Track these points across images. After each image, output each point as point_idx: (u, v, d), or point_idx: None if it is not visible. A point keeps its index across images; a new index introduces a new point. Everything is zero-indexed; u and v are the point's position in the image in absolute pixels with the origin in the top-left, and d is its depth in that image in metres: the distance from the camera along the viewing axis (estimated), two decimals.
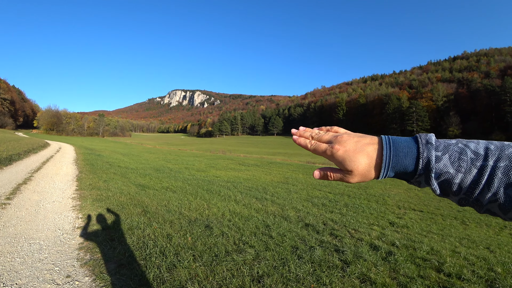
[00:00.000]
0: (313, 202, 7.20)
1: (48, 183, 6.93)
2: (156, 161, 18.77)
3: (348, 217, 5.69)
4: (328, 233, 4.47)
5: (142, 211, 4.81)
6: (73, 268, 2.76)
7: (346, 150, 0.49)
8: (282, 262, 3.15)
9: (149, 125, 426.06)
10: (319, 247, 3.68)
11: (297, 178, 12.88)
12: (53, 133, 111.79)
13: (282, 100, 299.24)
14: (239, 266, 2.96)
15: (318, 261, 3.22)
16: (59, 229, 3.80)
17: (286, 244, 3.72)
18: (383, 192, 9.51)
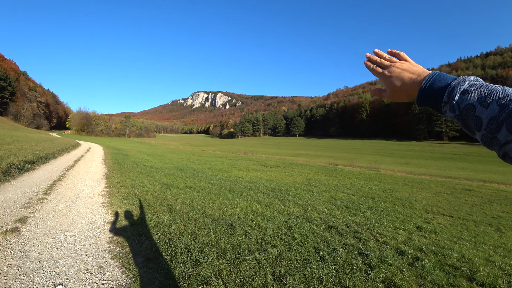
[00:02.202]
0: (336, 204, 7.14)
1: (80, 181, 7.51)
2: (180, 161, 19.43)
3: (373, 220, 5.58)
4: (351, 235, 4.44)
5: (167, 209, 5.05)
6: (104, 260, 3.00)
7: (391, 75, 0.69)
8: (304, 262, 3.19)
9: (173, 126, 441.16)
10: (342, 250, 3.68)
11: (320, 179, 12.74)
12: (83, 134, 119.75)
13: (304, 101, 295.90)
14: (262, 265, 3.04)
15: (341, 264, 3.22)
16: (91, 223, 4.12)
17: (308, 245, 3.75)
18: (409, 196, 9.13)
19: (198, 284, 2.57)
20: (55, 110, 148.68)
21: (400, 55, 0.74)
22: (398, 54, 0.74)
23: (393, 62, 0.72)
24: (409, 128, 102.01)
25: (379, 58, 0.77)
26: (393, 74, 0.68)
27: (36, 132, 54.25)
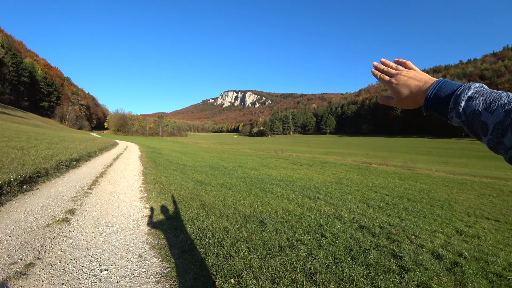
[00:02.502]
0: (368, 204, 6.98)
1: (119, 177, 8.08)
2: (211, 159, 19.99)
3: (408, 222, 5.38)
4: (384, 236, 4.33)
5: (201, 205, 5.27)
6: (143, 250, 3.23)
7: (398, 83, 0.72)
8: (335, 261, 3.18)
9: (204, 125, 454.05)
10: (374, 250, 3.61)
11: (352, 178, 12.44)
12: (120, 134, 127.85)
13: (334, 98, 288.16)
14: (292, 261, 3.08)
15: (373, 264, 3.17)
16: (131, 216, 4.45)
17: (339, 244, 3.73)
18: (449, 197, 8.53)
19: (230, 277, 2.68)
20: (95, 112, 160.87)
21: (406, 64, 0.77)
22: (405, 63, 0.78)
23: (399, 71, 0.75)
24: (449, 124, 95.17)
25: (385, 67, 0.80)
26: (400, 82, 0.71)
27: (79, 133, 59.10)
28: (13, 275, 2.47)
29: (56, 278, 2.51)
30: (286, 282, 2.63)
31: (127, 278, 2.60)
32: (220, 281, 2.60)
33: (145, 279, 2.61)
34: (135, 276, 2.66)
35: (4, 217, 3.88)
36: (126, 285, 2.49)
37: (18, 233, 3.39)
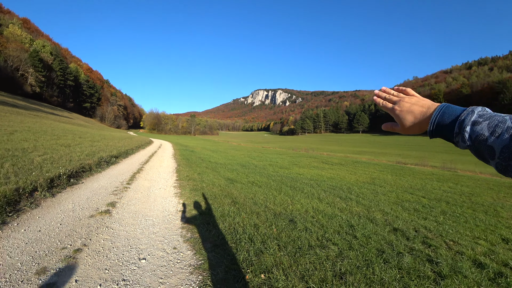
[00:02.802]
0: (403, 206, 6.75)
1: (155, 173, 8.54)
2: (242, 157, 20.30)
3: (446, 227, 5.10)
4: (419, 241, 4.15)
5: (232, 202, 5.41)
6: (178, 242, 3.41)
7: (401, 110, 0.73)
8: (366, 263, 3.12)
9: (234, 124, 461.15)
10: (408, 254, 3.49)
11: (385, 179, 12.01)
12: (154, 132, 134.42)
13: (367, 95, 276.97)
14: (322, 260, 3.07)
15: (407, 269, 3.07)
16: (166, 211, 4.70)
17: (371, 246, 3.65)
18: (494, 202, 7.82)
19: (260, 272, 2.75)
20: (132, 111, 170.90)
21: (406, 90, 0.80)
22: (405, 90, 0.80)
23: (401, 97, 0.77)
24: None
25: (387, 94, 0.82)
26: (403, 109, 0.73)
27: (117, 131, 63.18)
28: (64, 258, 2.76)
29: (100, 263, 2.75)
30: (316, 281, 2.63)
31: (163, 268, 2.78)
32: (250, 275, 2.67)
33: (179, 270, 2.76)
34: (170, 266, 2.83)
35: (55, 207, 4.32)
36: (162, 274, 2.66)
37: (67, 221, 3.77)
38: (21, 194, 4.40)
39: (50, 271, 2.52)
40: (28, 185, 4.70)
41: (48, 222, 3.69)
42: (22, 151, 7.83)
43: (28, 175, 5.24)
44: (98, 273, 2.57)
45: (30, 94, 69.83)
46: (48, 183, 5.24)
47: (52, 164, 6.62)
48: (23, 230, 3.35)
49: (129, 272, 2.64)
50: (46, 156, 7.67)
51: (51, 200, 4.67)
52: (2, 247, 2.89)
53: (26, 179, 4.91)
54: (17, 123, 18.12)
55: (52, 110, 59.83)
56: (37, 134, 13.70)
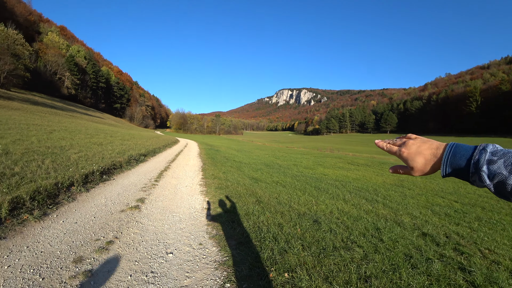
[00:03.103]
0: (433, 210, 6.47)
1: (181, 171, 8.83)
2: (266, 157, 20.35)
3: (481, 234, 4.79)
4: (451, 247, 3.95)
5: (256, 201, 5.46)
6: (204, 239, 3.52)
7: (409, 152, 0.72)
8: (392, 267, 3.03)
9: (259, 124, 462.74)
10: (438, 261, 3.33)
11: (414, 181, 11.54)
12: (180, 132, 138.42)
13: (395, 94, 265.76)
14: (346, 262, 3.03)
15: (436, 276, 2.94)
16: (192, 208, 4.85)
17: (398, 250, 3.54)
18: None
19: (284, 271, 2.76)
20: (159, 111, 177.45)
21: (408, 136, 0.79)
22: (406, 136, 0.80)
23: (405, 141, 0.77)
24: None
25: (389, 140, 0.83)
26: (411, 150, 0.72)
27: (145, 131, 65.86)
28: (98, 249, 2.95)
29: (130, 255, 2.91)
30: (340, 282, 2.60)
31: (189, 262, 2.88)
32: (274, 274, 2.70)
33: (205, 265, 2.85)
34: (196, 261, 2.92)
35: (90, 201, 4.62)
36: (188, 268, 2.76)
37: (100, 215, 4.01)
38: (60, 188, 4.76)
39: (85, 260, 2.71)
40: (66, 180, 5.07)
41: (83, 215, 3.96)
42: (60, 149, 8.42)
43: (65, 171, 5.64)
44: (128, 265, 2.72)
45: (66, 96, 74.76)
46: (83, 179, 5.61)
47: (87, 161, 7.07)
48: (62, 222, 3.62)
49: (157, 265, 2.77)
50: (81, 153, 8.20)
51: (86, 194, 4.99)
52: (44, 236, 3.15)
53: (64, 175, 5.29)
54: (56, 123, 19.50)
55: (85, 110, 63.65)
56: (73, 133, 14.66)
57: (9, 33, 43.00)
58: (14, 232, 3.16)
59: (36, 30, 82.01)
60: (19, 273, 2.41)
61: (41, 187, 4.34)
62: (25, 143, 8.40)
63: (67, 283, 2.33)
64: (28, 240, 3.02)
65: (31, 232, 3.23)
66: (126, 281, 2.46)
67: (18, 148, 7.22)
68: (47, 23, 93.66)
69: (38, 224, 3.46)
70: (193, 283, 2.52)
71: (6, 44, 39.82)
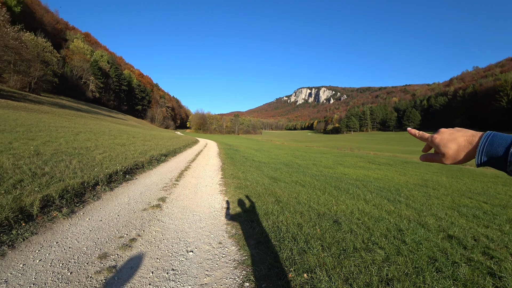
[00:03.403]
0: (460, 211, 6.18)
1: (201, 171, 8.97)
2: (285, 156, 20.26)
3: None
4: (479, 251, 3.74)
5: (275, 200, 5.45)
6: (223, 238, 3.56)
7: (442, 138, 0.71)
8: (415, 270, 2.93)
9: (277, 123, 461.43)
10: (465, 265, 3.18)
11: (439, 181, 11.10)
12: (200, 132, 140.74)
13: (418, 90, 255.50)
14: (367, 264, 2.95)
15: (463, 280, 2.80)
16: (212, 207, 4.92)
17: (421, 253, 3.41)
18: None
19: (303, 271, 2.74)
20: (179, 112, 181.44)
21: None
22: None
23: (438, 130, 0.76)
24: None
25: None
26: (444, 137, 0.71)
27: (165, 131, 67.48)
28: (121, 246, 3.06)
29: (152, 253, 3.00)
30: (360, 285, 2.55)
31: (209, 261, 2.93)
32: (293, 274, 2.68)
33: (224, 264, 2.89)
34: (216, 260, 2.96)
35: (113, 200, 4.80)
36: (208, 267, 2.80)
37: (124, 213, 4.16)
38: (86, 187, 4.98)
39: (110, 256, 2.83)
40: (91, 179, 5.30)
41: (107, 213, 4.12)
42: (86, 150, 8.81)
43: (91, 171, 5.90)
44: (150, 262, 2.80)
45: (91, 99, 78.11)
46: (107, 178, 5.84)
47: (111, 161, 7.35)
48: (88, 219, 3.79)
49: (178, 263, 2.83)
50: (105, 154, 8.54)
51: (110, 193, 5.19)
52: (71, 233, 3.31)
53: (90, 174, 5.53)
54: (81, 125, 20.42)
55: (109, 112, 66.17)
56: (97, 134, 15.29)
57: (39, 42, 45.68)
58: (45, 228, 3.35)
59: (63, 38, 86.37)
60: (49, 267, 2.55)
61: (69, 186, 4.57)
62: (54, 144, 8.86)
63: (92, 277, 2.44)
64: (57, 236, 3.18)
65: (60, 228, 3.40)
66: (148, 277, 2.54)
67: (48, 149, 7.62)
68: (72, 31, 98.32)
69: (66, 221, 3.64)
70: (213, 282, 2.56)
71: (36, 52, 42.21)
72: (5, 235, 2.96)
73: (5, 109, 18.76)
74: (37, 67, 38.42)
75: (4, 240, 2.89)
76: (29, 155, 6.51)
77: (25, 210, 3.49)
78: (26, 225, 3.28)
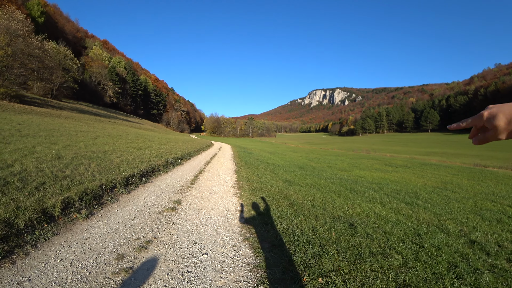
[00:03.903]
0: (482, 215, 5.96)
1: (216, 174, 9.05)
2: (300, 159, 20.13)
3: None
4: (504, 257, 3.59)
5: (290, 204, 5.42)
6: (237, 241, 3.57)
7: (491, 111, 0.69)
8: (435, 277, 2.84)
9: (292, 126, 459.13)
10: (488, 272, 3.04)
11: (460, 183, 10.71)
12: (214, 135, 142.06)
13: (437, 89, 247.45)
14: (384, 269, 2.89)
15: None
16: (226, 210, 4.96)
17: (441, 258, 3.30)
18: None
19: (318, 275, 2.70)
20: (193, 116, 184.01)
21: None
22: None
23: None
24: None
25: None
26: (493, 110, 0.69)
27: (181, 135, 68.55)
28: (138, 247, 3.13)
29: (167, 254, 3.05)
30: None
31: (223, 264, 2.94)
32: (307, 278, 2.65)
33: (238, 267, 2.89)
34: (230, 262, 2.98)
35: (130, 202, 4.92)
36: (223, 270, 2.82)
37: (140, 215, 4.25)
38: (104, 190, 5.13)
39: (127, 258, 2.89)
40: (109, 182, 5.45)
41: (125, 215, 4.22)
42: (104, 153, 9.08)
43: (109, 174, 6.07)
44: (166, 264, 2.85)
45: (109, 104, 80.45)
46: (124, 181, 5.99)
47: (127, 165, 7.54)
48: (106, 221, 3.90)
49: (193, 265, 2.86)
50: (123, 157, 8.77)
51: (127, 196, 5.32)
52: (90, 234, 3.42)
53: (108, 177, 5.70)
54: (100, 129, 21.07)
55: (126, 117, 67.92)
56: (115, 138, 15.72)
57: (60, 50, 47.68)
58: (65, 229, 3.47)
59: (83, 45, 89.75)
60: (69, 267, 2.64)
61: (88, 189, 4.72)
62: (74, 148, 9.19)
63: (110, 278, 2.51)
64: (77, 237, 3.29)
65: (80, 229, 3.52)
66: (163, 279, 2.58)
67: (68, 153, 7.91)
68: (91, 38, 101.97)
69: (85, 222, 3.76)
70: (227, 284, 2.57)
71: (58, 59, 44.04)
72: (28, 235, 3.09)
73: (29, 114, 19.61)
74: (58, 74, 40.03)
75: (28, 240, 3.01)
76: (51, 158, 6.77)
77: (47, 211, 3.64)
78: (48, 226, 3.41)
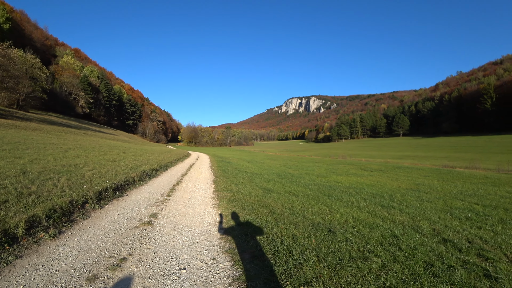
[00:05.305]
0: (453, 214, 6.26)
1: (193, 185, 8.85)
2: (278, 167, 20.24)
3: (505, 237, 4.56)
4: (474, 253, 3.78)
5: (269, 212, 5.39)
6: (217, 253, 3.47)
7: None
8: (413, 277, 2.92)
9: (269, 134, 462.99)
10: (461, 268, 3.18)
11: (431, 185, 11.28)
12: (192, 145, 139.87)
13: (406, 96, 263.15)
14: (364, 273, 2.93)
15: (460, 284, 2.81)
16: (205, 221, 4.82)
17: (417, 258, 3.41)
18: None
19: (300, 284, 2.68)
20: (170, 126, 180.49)
21: None
22: None
23: None
24: None
25: None
26: None
27: (157, 145, 66.86)
28: (111, 266, 2.95)
29: (144, 272, 2.89)
30: None
31: (203, 278, 2.84)
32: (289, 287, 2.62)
33: (218, 281, 2.80)
34: (210, 276, 2.88)
35: (103, 218, 4.66)
36: (202, 285, 2.71)
37: (114, 232, 4.03)
38: (74, 206, 4.82)
39: (99, 278, 2.71)
40: (80, 197, 5.14)
41: (97, 232, 3.98)
42: (75, 167, 8.61)
43: (80, 189, 5.73)
44: (142, 282, 2.70)
45: (81, 114, 77.09)
46: (97, 196, 5.68)
47: (100, 178, 7.18)
48: (76, 239, 3.65)
49: (171, 282, 2.73)
50: (95, 170, 8.35)
51: (100, 211, 5.04)
52: (59, 254, 3.18)
53: (79, 192, 5.38)
54: (71, 141, 20.04)
55: (99, 128, 65.29)
56: (87, 150, 15.00)
57: (27, 58, 45.18)
58: (30, 250, 3.21)
59: (52, 54, 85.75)
60: None
61: (57, 205, 4.41)
62: (41, 162, 8.64)
63: None
64: (43, 259, 3.05)
65: (47, 250, 3.27)
66: None
67: (35, 167, 7.41)
68: (62, 47, 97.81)
69: (53, 242, 3.50)
70: None
71: (25, 68, 41.68)
72: None
73: None
74: (25, 83, 37.84)
75: None
76: (15, 174, 6.31)
77: (10, 232, 3.35)
78: (10, 248, 3.14)
